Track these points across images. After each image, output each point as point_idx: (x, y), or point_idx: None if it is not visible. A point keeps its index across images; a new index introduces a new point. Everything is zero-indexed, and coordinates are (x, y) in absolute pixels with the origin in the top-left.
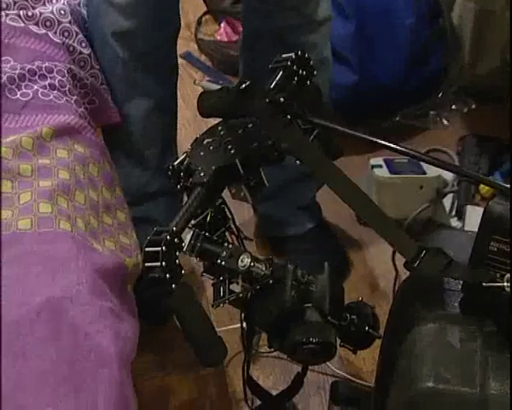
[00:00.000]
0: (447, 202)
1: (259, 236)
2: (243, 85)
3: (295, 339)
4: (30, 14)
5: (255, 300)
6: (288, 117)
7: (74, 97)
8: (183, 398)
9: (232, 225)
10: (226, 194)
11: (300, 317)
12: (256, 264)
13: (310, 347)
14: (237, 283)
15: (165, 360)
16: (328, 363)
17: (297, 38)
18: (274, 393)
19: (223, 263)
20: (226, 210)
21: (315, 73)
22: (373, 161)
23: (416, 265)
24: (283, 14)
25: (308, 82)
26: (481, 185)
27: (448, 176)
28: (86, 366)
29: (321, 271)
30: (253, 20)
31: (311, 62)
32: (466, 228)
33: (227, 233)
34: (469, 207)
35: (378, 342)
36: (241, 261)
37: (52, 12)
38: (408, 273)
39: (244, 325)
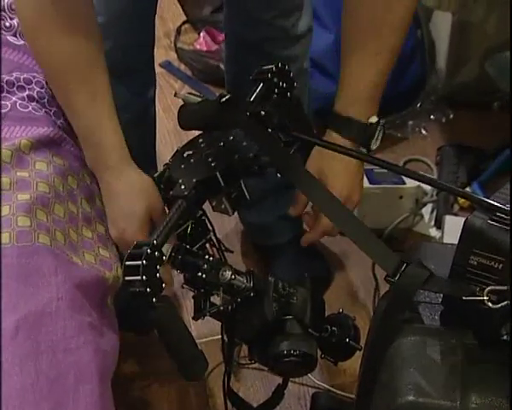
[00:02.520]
0: (426, 211)
1: (244, 245)
2: (224, 98)
3: (277, 351)
4: (7, 24)
5: (236, 312)
6: (269, 130)
7: (53, 109)
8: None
9: (213, 237)
10: (207, 206)
11: (281, 329)
12: (237, 277)
13: (291, 359)
14: (218, 295)
15: (146, 372)
16: (308, 374)
17: (278, 50)
18: (254, 405)
19: (204, 276)
20: (207, 222)
21: (295, 85)
22: None
23: (396, 278)
24: (263, 26)
25: (288, 94)
26: None
27: (427, 186)
28: (66, 382)
29: (302, 282)
30: (234, 31)
31: (291, 74)
32: (445, 237)
33: (208, 245)
34: (448, 217)
35: (359, 354)
36: (222, 274)
37: None
38: (388, 285)
39: (224, 337)
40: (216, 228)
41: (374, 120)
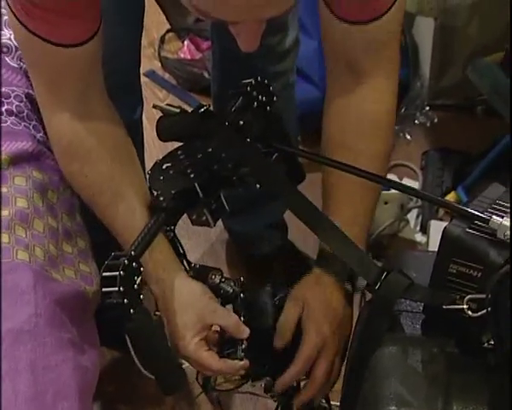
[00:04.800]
0: (412, 217)
1: (229, 254)
2: (202, 109)
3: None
4: None
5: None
6: (248, 140)
7: (33, 123)
8: None
9: (185, 263)
10: (186, 222)
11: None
12: (226, 281)
13: None
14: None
15: (132, 393)
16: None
17: (264, 65)
18: None
19: None
20: (178, 245)
21: (274, 99)
22: None
23: (377, 287)
24: None
25: (268, 108)
26: None
27: None
28: (45, 400)
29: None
30: (220, 43)
31: (271, 89)
32: (430, 243)
33: None
34: (433, 222)
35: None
36: (211, 278)
37: (10, 38)
38: None
39: None
40: (201, 236)
41: None
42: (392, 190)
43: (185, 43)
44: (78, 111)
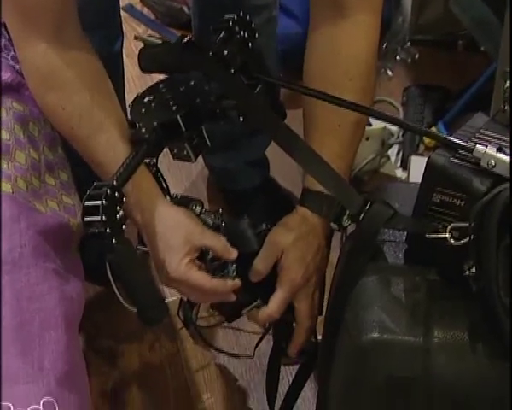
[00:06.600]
0: (392, 153)
1: (211, 191)
2: (185, 39)
3: None
4: None
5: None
6: (232, 71)
7: (11, 53)
8: (134, 361)
9: (168, 197)
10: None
11: None
12: (206, 212)
13: None
14: None
15: (113, 328)
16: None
17: None
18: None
19: None
20: (162, 181)
21: (256, 35)
22: None
23: (360, 217)
24: None
25: (250, 44)
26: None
27: (393, 127)
28: (32, 328)
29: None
30: None
31: (253, 25)
32: (410, 178)
33: None
34: (414, 158)
35: (326, 295)
36: (192, 208)
37: None
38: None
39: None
40: (183, 173)
41: None
42: (374, 126)
43: None
44: (53, 43)
